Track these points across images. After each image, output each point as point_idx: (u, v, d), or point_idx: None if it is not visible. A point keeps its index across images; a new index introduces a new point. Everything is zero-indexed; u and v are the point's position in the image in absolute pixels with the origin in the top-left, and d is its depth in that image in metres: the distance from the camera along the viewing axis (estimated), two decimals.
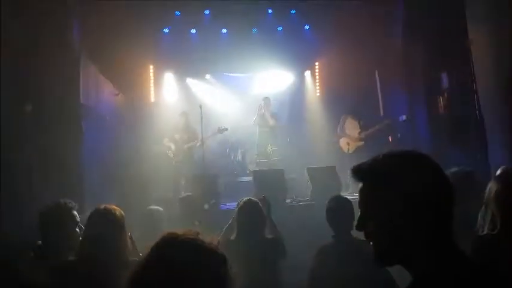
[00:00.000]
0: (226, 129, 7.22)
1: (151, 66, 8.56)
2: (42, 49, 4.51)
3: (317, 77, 9.24)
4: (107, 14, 6.36)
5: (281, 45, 8.41)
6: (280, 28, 8.64)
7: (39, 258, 2.25)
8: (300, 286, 2.73)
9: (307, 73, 9.33)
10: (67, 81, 4.90)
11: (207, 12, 8.18)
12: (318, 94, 9.21)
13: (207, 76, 9.20)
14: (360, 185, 1.11)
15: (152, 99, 8.62)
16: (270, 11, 8.34)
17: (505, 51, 4.53)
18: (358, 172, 1.11)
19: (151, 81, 8.63)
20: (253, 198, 3.13)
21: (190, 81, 9.15)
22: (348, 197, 3.01)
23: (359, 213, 1.12)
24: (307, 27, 8.65)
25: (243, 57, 8.26)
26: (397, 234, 1.04)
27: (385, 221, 1.05)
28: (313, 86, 9.28)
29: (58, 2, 4.95)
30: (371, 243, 1.09)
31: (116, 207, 2.30)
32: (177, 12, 8.12)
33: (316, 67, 9.21)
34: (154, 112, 8.25)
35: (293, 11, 8.36)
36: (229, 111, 9.12)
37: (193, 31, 8.46)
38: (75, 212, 2.41)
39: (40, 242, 2.35)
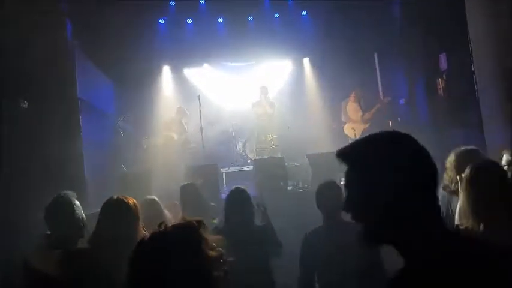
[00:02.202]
0: (212, 125, 7.48)
1: (148, 57, 8.50)
2: (36, 44, 4.48)
3: (316, 63, 9.16)
4: (101, 7, 6.31)
5: (278, 32, 8.34)
6: (277, 15, 8.55)
7: (50, 247, 2.26)
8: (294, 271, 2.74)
9: (306, 60, 9.26)
10: (63, 76, 4.89)
11: (202, 1, 8.10)
12: (316, 80, 9.15)
13: (205, 66, 9.16)
14: (345, 167, 1.09)
15: (150, 90, 8.59)
16: None
17: (503, 31, 4.48)
18: (343, 155, 1.09)
19: (149, 72, 8.59)
20: (240, 186, 3.15)
21: (188, 71, 9.10)
22: None
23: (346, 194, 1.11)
24: (304, 13, 8.56)
25: (240, 46, 8.21)
26: (383, 214, 1.02)
27: (371, 201, 1.03)
28: (311, 72, 9.22)
29: None
30: (359, 224, 1.07)
31: (130, 197, 2.31)
32: (172, 2, 8.04)
33: (315, 53, 9.12)
34: (152, 103, 8.23)
35: None
36: (228, 100, 9.09)
37: (189, 21, 8.39)
38: (76, 201, 2.42)
39: (48, 232, 2.38)
